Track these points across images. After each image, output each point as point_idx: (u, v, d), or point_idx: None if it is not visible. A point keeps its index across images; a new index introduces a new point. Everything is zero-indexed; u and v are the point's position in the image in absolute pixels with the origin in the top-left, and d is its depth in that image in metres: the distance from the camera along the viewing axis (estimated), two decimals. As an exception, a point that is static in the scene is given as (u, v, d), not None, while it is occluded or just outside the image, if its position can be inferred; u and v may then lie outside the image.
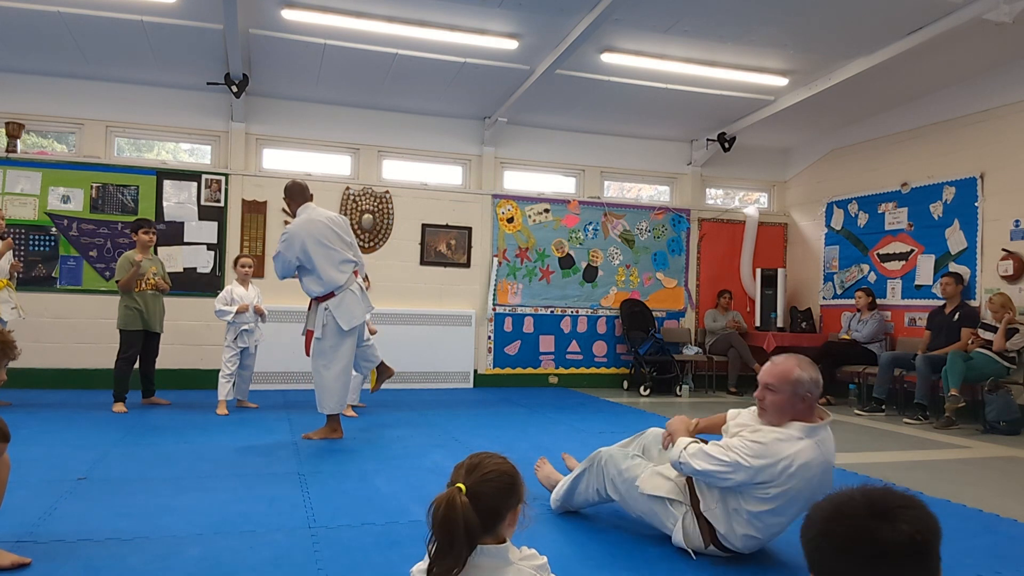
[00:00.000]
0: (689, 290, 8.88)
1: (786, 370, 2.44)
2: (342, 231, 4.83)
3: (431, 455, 4.37)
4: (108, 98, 7.08)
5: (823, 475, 2.45)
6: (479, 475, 1.57)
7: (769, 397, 2.48)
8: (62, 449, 4.20)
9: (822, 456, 2.44)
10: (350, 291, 4.69)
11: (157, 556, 2.51)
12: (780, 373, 2.44)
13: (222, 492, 3.38)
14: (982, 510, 3.45)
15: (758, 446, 2.41)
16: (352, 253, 4.83)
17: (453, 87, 7.14)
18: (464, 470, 1.59)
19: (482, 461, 1.61)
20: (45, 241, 6.83)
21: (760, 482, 2.40)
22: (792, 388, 2.43)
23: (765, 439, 2.43)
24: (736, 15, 5.58)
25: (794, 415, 2.46)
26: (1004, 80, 6.53)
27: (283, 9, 5.59)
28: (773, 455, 2.38)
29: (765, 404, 2.51)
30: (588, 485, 2.90)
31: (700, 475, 2.52)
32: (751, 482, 2.41)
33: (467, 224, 8.06)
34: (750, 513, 2.47)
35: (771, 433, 2.45)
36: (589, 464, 2.90)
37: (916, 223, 7.44)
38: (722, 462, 2.42)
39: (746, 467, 2.39)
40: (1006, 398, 5.86)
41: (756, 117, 7.81)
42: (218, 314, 5.88)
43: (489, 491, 1.56)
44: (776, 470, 2.38)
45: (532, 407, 6.59)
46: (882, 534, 1.06)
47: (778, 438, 2.42)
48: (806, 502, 2.37)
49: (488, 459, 1.62)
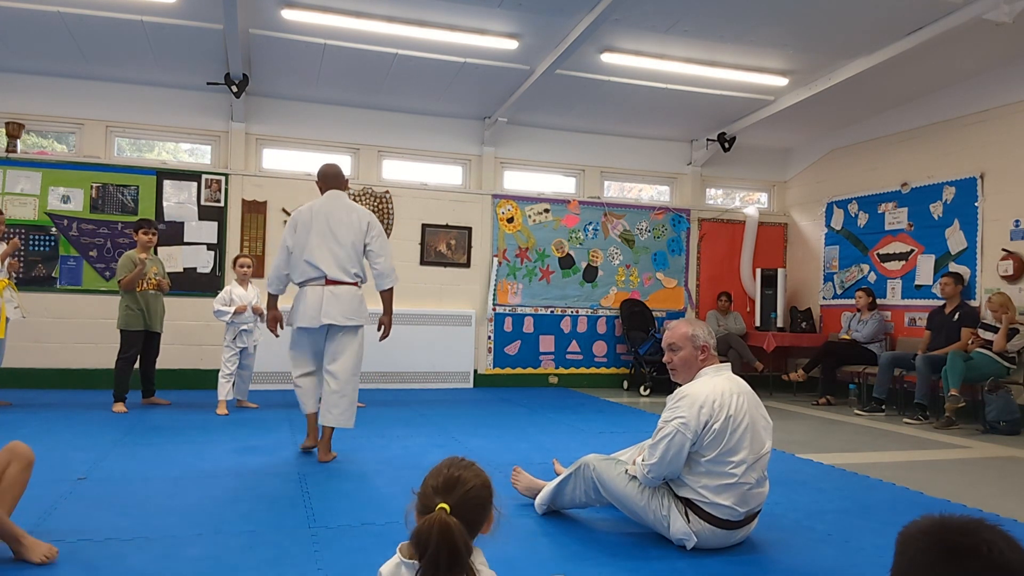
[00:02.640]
0: (689, 290, 8.88)
1: (682, 330, 2.81)
2: (346, 229, 4.13)
3: (431, 455, 4.37)
4: (108, 98, 7.08)
5: (751, 399, 2.72)
6: (462, 493, 1.52)
7: (676, 357, 2.82)
8: (62, 449, 4.20)
9: (738, 386, 2.73)
10: (311, 288, 4.11)
11: (157, 556, 2.51)
12: (680, 334, 2.80)
13: (222, 492, 3.38)
14: (982, 510, 3.44)
15: (681, 400, 2.66)
16: (356, 261, 4.17)
17: (453, 87, 7.14)
18: (442, 488, 1.53)
19: (460, 476, 1.54)
20: (45, 241, 6.83)
21: (702, 427, 2.60)
22: (691, 341, 2.78)
23: (684, 391, 2.69)
24: (736, 15, 5.58)
25: (699, 365, 2.79)
26: (1004, 80, 6.53)
27: (283, 9, 5.59)
28: (696, 398, 2.63)
29: (674, 364, 2.83)
30: (575, 488, 2.97)
31: (661, 464, 2.65)
32: (693, 435, 2.60)
33: (467, 224, 8.06)
34: (708, 461, 2.62)
35: (687, 385, 2.73)
36: (575, 469, 2.97)
37: (916, 223, 7.44)
38: (665, 436, 2.62)
39: (685, 419, 2.59)
40: (1006, 398, 5.86)
41: (756, 117, 7.81)
42: (216, 314, 5.88)
43: (473, 506, 1.53)
44: (706, 408, 2.60)
45: (532, 407, 6.59)
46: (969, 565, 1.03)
47: (696, 384, 2.71)
48: (746, 429, 2.63)
49: (464, 471, 1.55)
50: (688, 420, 2.59)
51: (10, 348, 5.97)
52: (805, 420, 6.36)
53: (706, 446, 2.61)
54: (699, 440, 2.61)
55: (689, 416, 2.59)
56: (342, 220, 4.14)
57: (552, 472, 3.50)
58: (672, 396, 2.73)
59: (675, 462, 2.65)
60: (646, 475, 2.70)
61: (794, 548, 2.82)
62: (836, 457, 4.66)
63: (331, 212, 4.16)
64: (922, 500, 3.62)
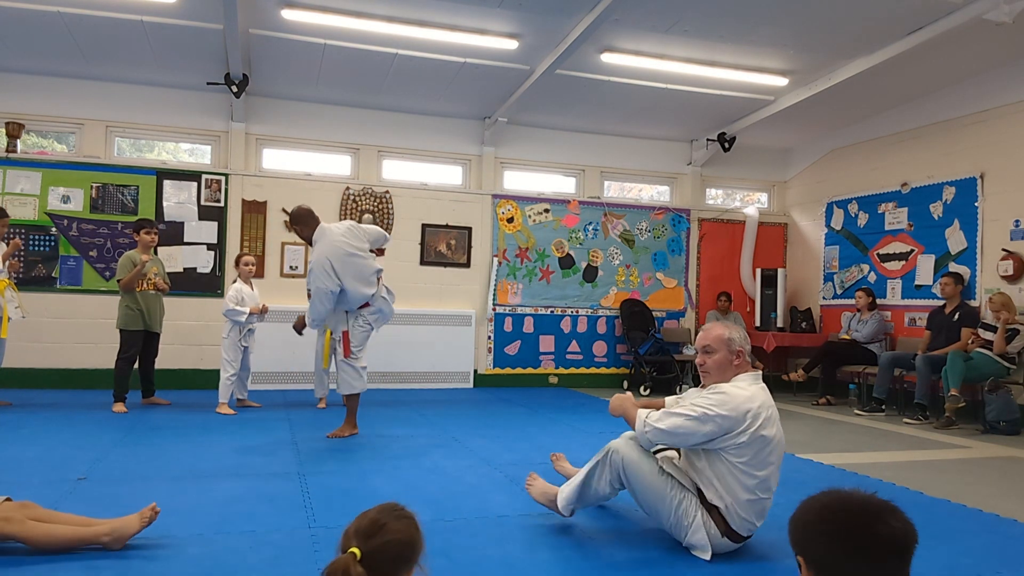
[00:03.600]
0: (689, 290, 8.88)
1: (718, 332, 2.74)
2: (359, 240, 4.75)
3: (431, 455, 4.37)
4: (108, 98, 7.08)
5: (776, 415, 2.69)
6: (379, 543, 1.41)
7: (709, 359, 2.74)
8: (62, 449, 4.21)
9: (770, 399, 2.70)
10: (382, 297, 4.83)
11: (157, 556, 2.52)
12: (714, 336, 2.74)
13: (222, 492, 3.38)
14: (982, 510, 3.45)
15: (719, 396, 2.60)
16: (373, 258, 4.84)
17: (453, 87, 7.14)
18: (362, 532, 1.43)
19: (386, 525, 1.44)
20: (45, 241, 6.83)
21: (730, 431, 2.55)
22: (727, 345, 2.72)
23: (723, 389, 2.64)
24: (736, 15, 5.58)
25: (733, 369, 2.72)
26: (1004, 80, 6.53)
27: (283, 9, 5.59)
28: (734, 401, 2.58)
29: (707, 366, 2.75)
30: (602, 478, 2.82)
31: (667, 435, 2.63)
32: (722, 433, 2.56)
33: (467, 224, 8.06)
34: (740, 465, 2.59)
35: (725, 385, 2.67)
36: (602, 457, 2.83)
37: (916, 223, 7.44)
38: (688, 416, 2.58)
39: (713, 416, 2.55)
40: (1006, 398, 5.86)
41: (756, 117, 7.81)
42: (230, 314, 5.85)
43: (387, 559, 1.41)
44: (741, 413, 2.55)
45: (532, 407, 6.59)
46: (879, 529, 1.19)
47: (734, 386, 2.65)
48: (776, 446, 2.62)
49: (392, 521, 1.45)
50: (714, 417, 2.54)
51: (10, 348, 5.97)
52: (805, 420, 6.36)
53: (731, 452, 2.57)
54: (721, 446, 2.57)
55: (717, 414, 2.54)
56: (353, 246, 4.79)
57: (553, 472, 3.48)
58: (710, 388, 2.68)
59: (680, 441, 2.63)
60: (644, 433, 2.67)
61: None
62: (836, 457, 4.66)
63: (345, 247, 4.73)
64: (922, 500, 3.61)
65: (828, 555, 1.21)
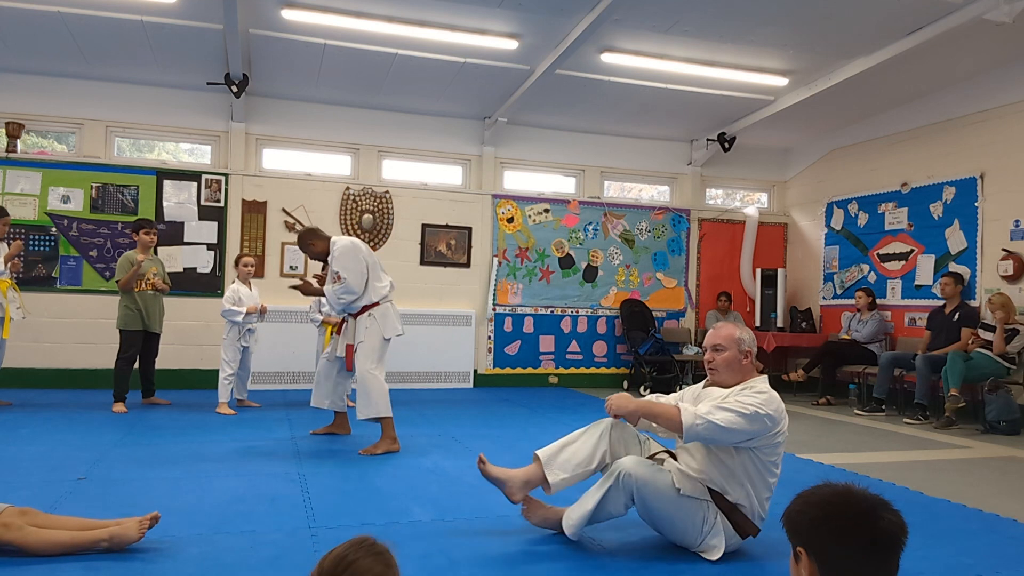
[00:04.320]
0: (689, 290, 8.88)
1: (729, 331, 2.78)
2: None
3: (431, 455, 4.38)
4: (108, 98, 7.08)
5: None
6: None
7: (718, 357, 2.76)
8: (62, 449, 4.21)
9: None
10: (391, 303, 4.71)
11: (157, 556, 2.52)
12: (725, 335, 2.77)
13: (222, 492, 3.39)
14: (982, 510, 3.45)
15: (764, 395, 2.62)
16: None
17: (453, 87, 7.14)
18: (327, 569, 1.30)
19: (354, 562, 1.30)
20: (45, 241, 6.83)
21: (771, 431, 2.59)
22: (737, 345, 2.75)
23: (764, 390, 2.65)
24: (736, 15, 5.58)
25: (741, 369, 2.75)
26: (1004, 80, 6.53)
27: (283, 9, 5.59)
28: (776, 401, 2.63)
29: (715, 364, 2.77)
30: (617, 501, 2.69)
31: (720, 430, 2.52)
32: (765, 432, 2.57)
33: (467, 224, 8.06)
34: (770, 464, 2.66)
35: (760, 384, 2.69)
36: (613, 481, 2.68)
37: (916, 223, 7.44)
38: (741, 413, 2.55)
39: (764, 415, 2.56)
40: (1006, 398, 5.86)
41: (756, 117, 7.81)
42: (227, 314, 5.86)
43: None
44: (780, 413, 2.62)
45: (532, 407, 6.59)
46: (879, 522, 1.25)
47: (767, 388, 2.68)
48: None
49: (362, 559, 1.31)
50: (764, 416, 2.55)
51: (10, 348, 5.97)
52: (805, 420, 6.36)
53: (767, 450, 2.63)
54: (759, 444, 2.60)
55: (767, 414, 2.55)
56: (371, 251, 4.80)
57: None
58: (745, 386, 2.68)
59: (727, 437, 2.55)
60: (695, 425, 2.53)
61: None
62: (836, 457, 4.66)
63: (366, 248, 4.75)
64: (922, 500, 3.61)
65: (836, 546, 1.25)
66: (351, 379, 4.90)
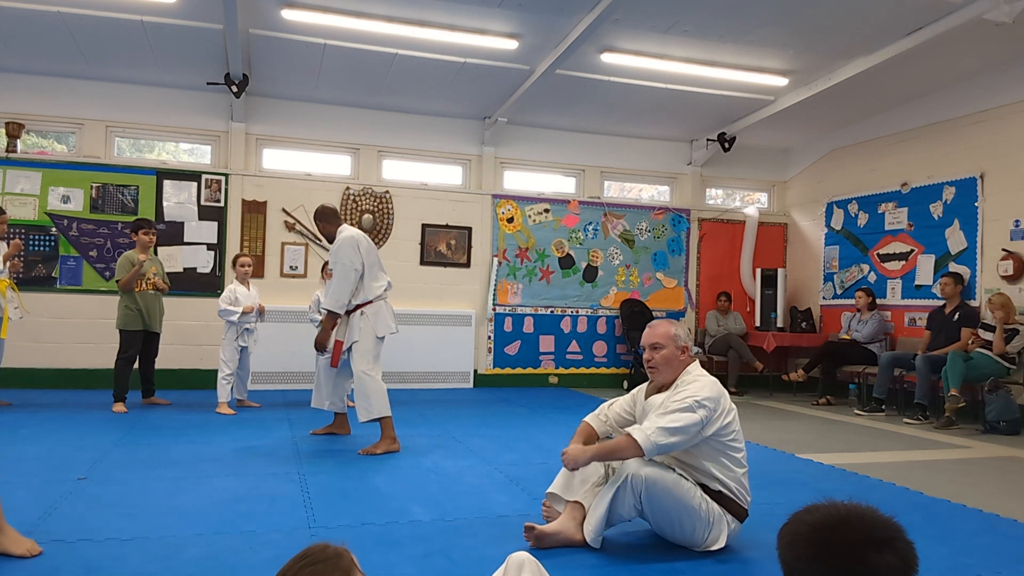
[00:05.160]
0: (689, 290, 8.88)
1: (664, 329, 2.85)
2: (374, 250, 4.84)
3: (431, 455, 4.38)
4: (108, 98, 7.08)
5: None
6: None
7: (657, 355, 2.83)
8: (62, 449, 4.21)
9: None
10: (384, 302, 4.69)
11: (157, 556, 2.51)
12: (662, 333, 2.84)
13: (222, 492, 3.38)
14: (982, 510, 3.45)
15: (693, 385, 2.70)
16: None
17: (453, 87, 7.14)
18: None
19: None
20: (45, 241, 6.83)
21: (717, 411, 2.66)
22: (674, 341, 2.82)
23: (691, 379, 2.74)
24: (736, 15, 5.58)
25: (679, 364, 2.82)
26: (1004, 80, 6.53)
27: (283, 9, 5.59)
28: (708, 384, 2.71)
29: (655, 362, 2.83)
30: (625, 503, 2.70)
31: (673, 432, 2.59)
32: (712, 415, 2.64)
33: (467, 224, 8.06)
34: (730, 442, 2.71)
35: (688, 377, 2.77)
36: (621, 484, 2.68)
37: (916, 223, 7.44)
38: (681, 408, 2.61)
39: (702, 401, 2.63)
40: (1006, 398, 5.86)
41: (756, 117, 7.81)
42: (223, 314, 5.87)
43: None
44: (718, 393, 2.70)
45: (532, 407, 6.59)
46: (878, 565, 1.08)
47: (702, 374, 2.78)
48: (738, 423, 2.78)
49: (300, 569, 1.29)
50: (706, 405, 2.63)
51: (10, 348, 5.97)
52: (805, 420, 6.36)
53: (726, 436, 2.69)
54: (718, 434, 2.67)
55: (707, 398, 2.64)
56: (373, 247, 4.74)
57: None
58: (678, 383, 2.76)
59: (685, 437, 2.61)
60: (650, 440, 2.58)
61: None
62: (836, 457, 4.66)
63: (367, 242, 4.69)
64: (922, 500, 3.61)
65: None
66: (351, 380, 4.88)
